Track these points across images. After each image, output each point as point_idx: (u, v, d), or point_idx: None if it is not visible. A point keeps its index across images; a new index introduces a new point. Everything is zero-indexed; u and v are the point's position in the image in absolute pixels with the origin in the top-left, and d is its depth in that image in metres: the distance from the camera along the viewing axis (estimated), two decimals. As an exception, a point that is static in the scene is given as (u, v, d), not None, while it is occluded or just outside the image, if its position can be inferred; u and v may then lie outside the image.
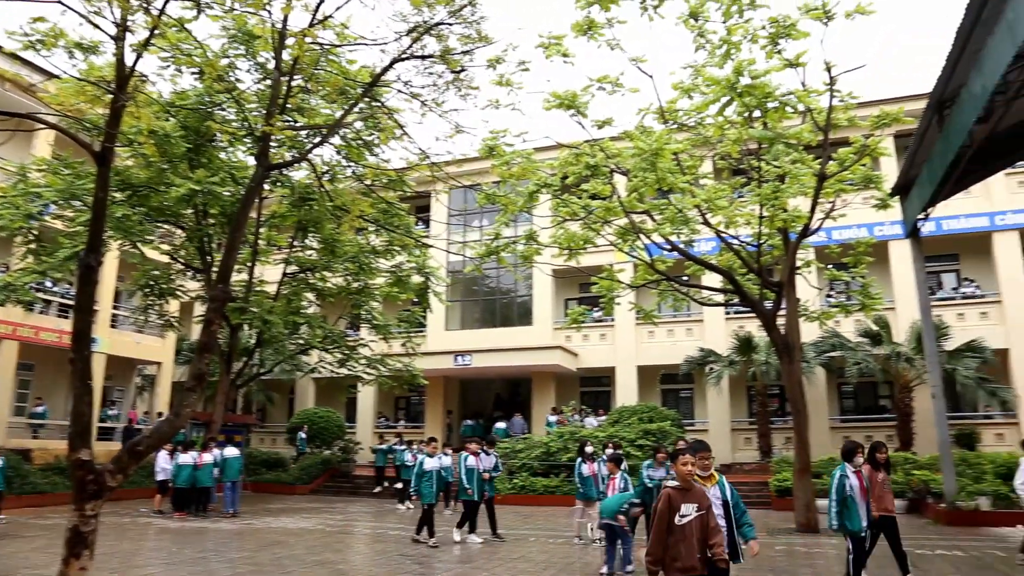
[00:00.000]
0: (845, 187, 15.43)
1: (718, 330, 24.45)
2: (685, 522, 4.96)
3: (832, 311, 18.35)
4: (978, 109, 10.56)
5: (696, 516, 5.01)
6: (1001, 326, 22.34)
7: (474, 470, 12.79)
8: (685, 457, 5.20)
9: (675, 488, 5.08)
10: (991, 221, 22.94)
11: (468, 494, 12.70)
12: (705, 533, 5.03)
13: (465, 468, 12.72)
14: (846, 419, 23.95)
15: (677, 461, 5.21)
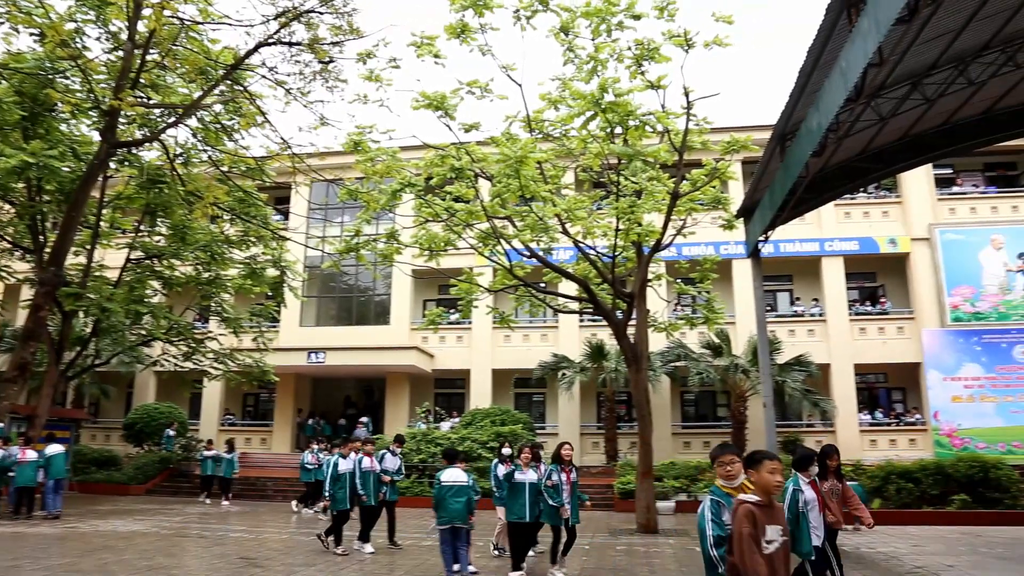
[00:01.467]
0: (696, 206, 16.34)
1: (572, 337, 25.15)
2: (772, 550, 3.96)
3: (679, 323, 19.33)
4: (814, 144, 11.46)
5: (782, 543, 4.04)
6: (825, 343, 24.35)
7: (369, 473, 12.08)
8: (773, 463, 4.12)
9: (756, 505, 3.99)
10: (821, 247, 25.01)
11: (362, 500, 11.83)
12: (788, 565, 4.11)
13: (360, 471, 11.87)
14: (687, 426, 25.28)
15: (761, 468, 4.11)
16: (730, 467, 4.39)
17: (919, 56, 12.68)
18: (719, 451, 4.54)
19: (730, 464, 4.40)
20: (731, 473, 4.38)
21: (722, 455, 4.47)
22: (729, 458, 4.44)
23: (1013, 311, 24.02)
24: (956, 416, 22.76)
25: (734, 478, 4.38)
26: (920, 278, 24.64)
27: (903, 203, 25.34)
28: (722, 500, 4.24)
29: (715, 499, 4.27)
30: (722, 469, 4.41)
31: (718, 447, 4.62)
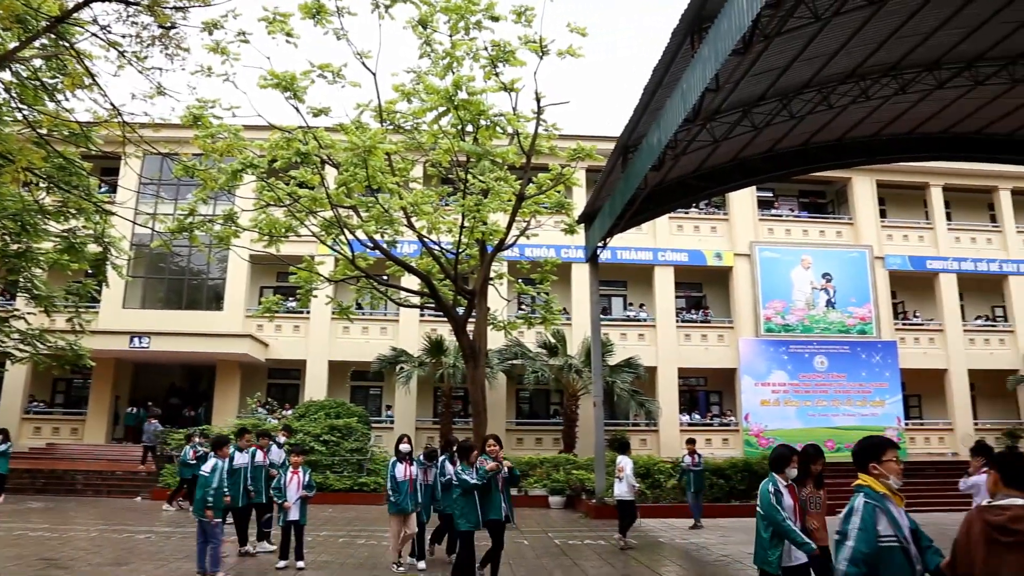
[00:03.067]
0: (540, 209, 16.80)
1: (412, 331, 25.08)
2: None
3: (517, 322, 19.78)
4: (654, 158, 12.12)
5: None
6: (653, 347, 25.75)
7: (261, 468, 11.41)
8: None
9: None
10: (654, 256, 26.42)
11: (251, 497, 11.04)
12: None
13: (252, 466, 11.19)
14: (521, 422, 25.90)
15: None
16: (896, 463, 3.91)
17: (750, 87, 13.70)
18: (883, 445, 3.98)
19: (896, 460, 3.92)
20: (896, 470, 3.91)
21: (887, 449, 3.95)
22: (894, 453, 3.93)
23: (815, 324, 26.47)
24: (764, 418, 24.77)
25: (900, 476, 3.92)
26: (740, 290, 26.61)
27: (729, 220, 27.25)
28: (879, 505, 3.77)
29: (871, 503, 3.78)
30: (886, 467, 3.90)
31: (873, 441, 4.04)
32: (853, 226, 27.99)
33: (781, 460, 6.13)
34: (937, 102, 15.78)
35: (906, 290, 28.93)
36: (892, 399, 25.63)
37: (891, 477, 3.89)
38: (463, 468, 8.30)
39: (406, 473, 9.80)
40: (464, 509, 8.06)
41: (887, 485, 3.86)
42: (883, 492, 3.82)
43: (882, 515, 3.72)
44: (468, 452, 8.50)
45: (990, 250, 28.71)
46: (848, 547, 3.67)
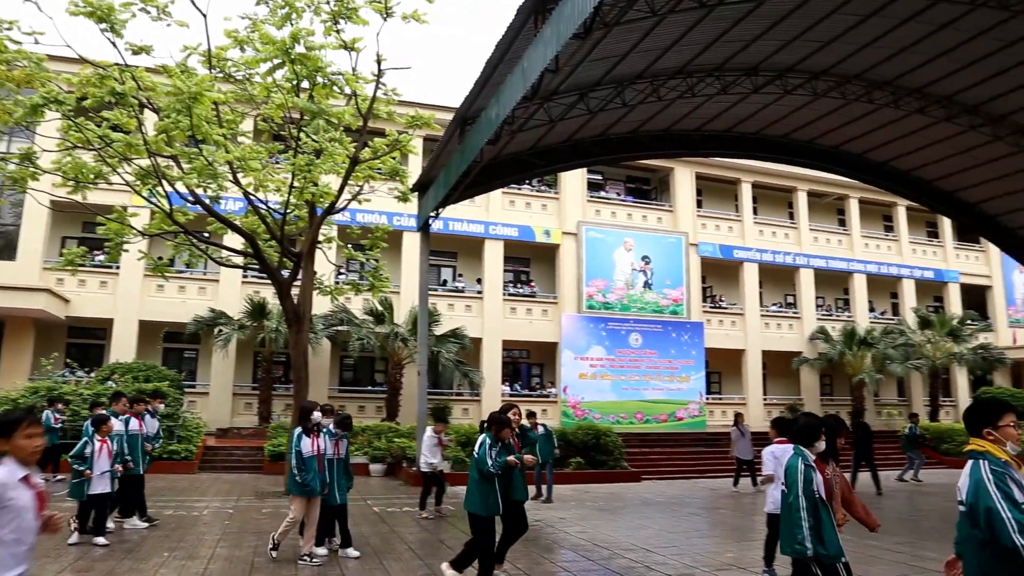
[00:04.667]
0: (374, 175, 16.47)
1: (233, 292, 23.93)
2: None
3: (345, 288, 19.39)
4: (491, 132, 12.24)
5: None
6: (480, 319, 26.18)
7: (138, 436, 10.37)
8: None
9: None
10: (486, 229, 26.77)
11: (130, 467, 10.06)
12: None
13: (127, 433, 10.13)
14: (344, 390, 25.51)
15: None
16: (1014, 427, 3.67)
17: (588, 72, 14.13)
18: (998, 408, 3.74)
19: (1013, 423, 3.68)
20: (1015, 436, 3.66)
21: (1004, 413, 3.71)
22: (1011, 417, 3.71)
23: (633, 303, 28.01)
24: (581, 390, 25.97)
25: (1018, 442, 3.66)
26: (565, 268, 27.59)
27: (560, 200, 28.10)
28: (1006, 471, 3.50)
29: (998, 470, 3.49)
30: (1004, 432, 3.65)
31: (989, 404, 3.79)
32: (672, 213, 29.77)
33: (809, 431, 5.17)
34: (753, 105, 17.06)
35: (715, 276, 31.28)
36: (697, 375, 27.71)
37: (1008, 443, 3.60)
38: (490, 442, 7.26)
39: (314, 447, 8.61)
40: (481, 493, 7.17)
41: (1006, 452, 3.56)
42: (1005, 459, 3.53)
43: (1012, 483, 3.43)
44: (501, 426, 7.39)
45: (787, 244, 31.62)
46: (1008, 519, 3.31)
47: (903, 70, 15.47)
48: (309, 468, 8.45)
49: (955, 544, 3.72)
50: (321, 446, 8.69)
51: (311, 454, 8.52)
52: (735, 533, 11.55)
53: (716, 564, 8.92)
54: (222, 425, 22.58)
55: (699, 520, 13.14)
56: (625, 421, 25.84)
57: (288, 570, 8.19)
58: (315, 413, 8.86)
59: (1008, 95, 15.98)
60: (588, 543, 10.25)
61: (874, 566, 8.85)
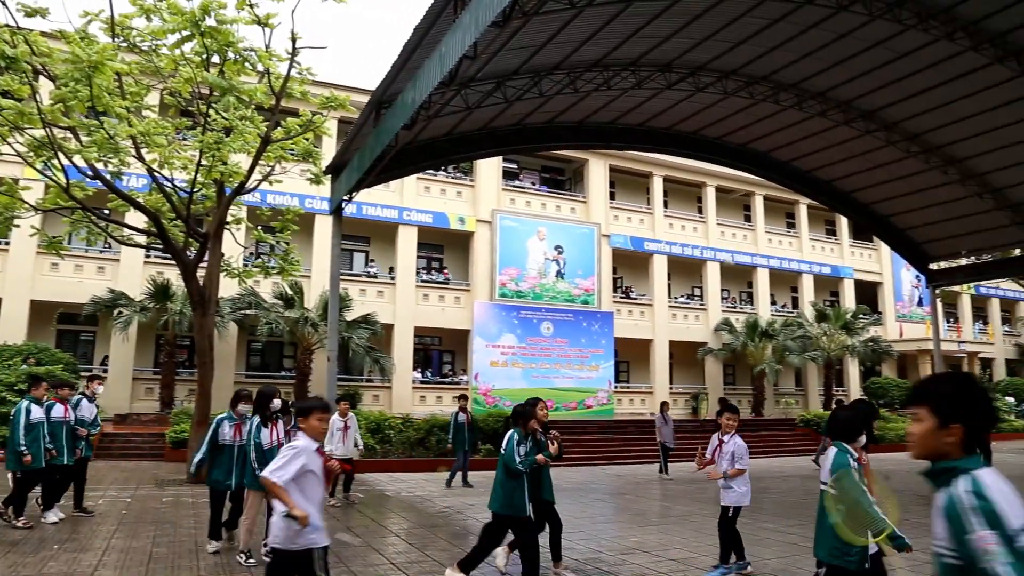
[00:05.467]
0: (286, 155, 16.08)
1: (134, 273, 22.95)
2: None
3: (253, 271, 18.88)
4: (407, 117, 12.12)
5: None
6: (392, 305, 25.97)
7: (61, 423, 9.75)
8: None
9: None
10: (400, 215, 26.53)
11: (53, 455, 9.52)
12: None
13: (49, 420, 9.59)
14: (251, 375, 24.86)
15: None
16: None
17: (506, 60, 14.17)
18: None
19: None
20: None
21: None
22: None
23: (545, 292, 28.34)
24: (492, 378, 26.12)
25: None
26: (479, 255, 27.64)
27: (475, 187, 28.09)
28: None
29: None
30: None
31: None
32: (586, 204, 30.21)
33: (851, 426, 4.73)
34: (666, 101, 17.46)
35: (625, 267, 31.95)
36: (606, 364, 28.27)
37: None
38: (518, 438, 6.81)
39: (273, 437, 7.89)
40: (506, 492, 6.71)
41: None
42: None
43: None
44: (526, 418, 6.98)
45: (695, 237, 32.58)
46: None
47: (807, 74, 16.14)
48: (269, 461, 7.83)
49: None
50: (280, 437, 7.94)
51: (270, 445, 7.79)
52: (639, 518, 11.88)
53: (621, 548, 9.17)
54: (121, 411, 21.66)
55: (604, 506, 13.46)
56: (535, 408, 26.15)
57: (188, 560, 7.98)
58: (275, 400, 8.05)
59: (900, 103, 16.90)
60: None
61: (768, 547, 9.28)
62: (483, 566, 7.18)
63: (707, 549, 9.01)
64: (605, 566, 8.17)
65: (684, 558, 8.61)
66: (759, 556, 8.62)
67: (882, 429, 26.32)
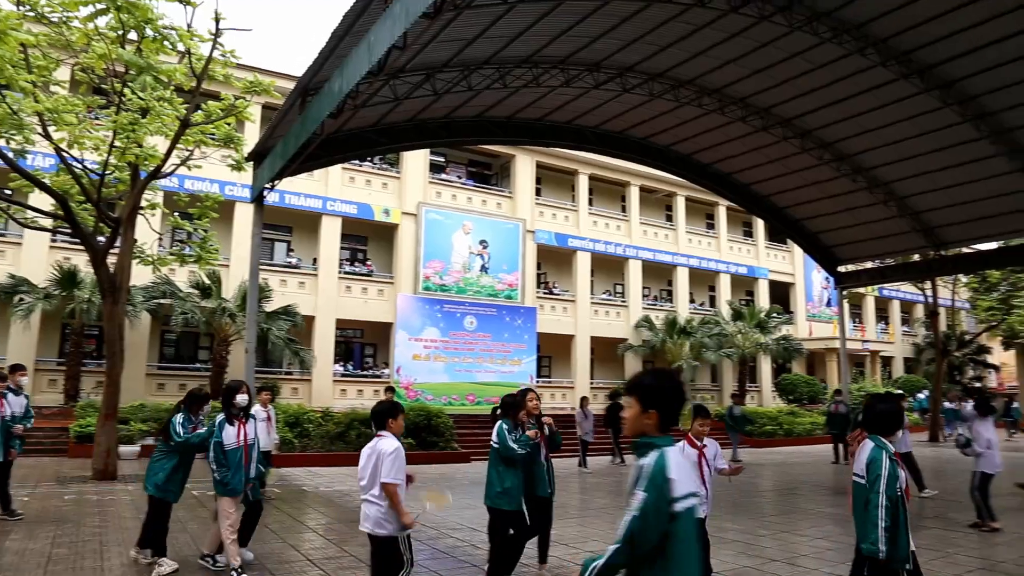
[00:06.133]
0: (207, 140, 15.56)
1: (38, 258, 21.80)
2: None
3: (169, 258, 18.22)
4: (333, 105, 11.88)
5: None
6: (313, 296, 25.49)
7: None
8: None
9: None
10: (324, 205, 26.03)
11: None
12: None
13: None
14: (165, 367, 24.03)
15: None
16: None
17: (436, 52, 14.07)
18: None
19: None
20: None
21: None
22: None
23: (469, 287, 28.32)
24: (414, 372, 25.96)
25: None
26: (403, 248, 27.39)
27: (401, 179, 27.81)
28: None
29: None
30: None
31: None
32: (512, 199, 30.30)
33: (891, 418, 4.69)
34: (594, 100, 17.66)
35: (549, 263, 32.21)
36: (528, 359, 28.47)
37: None
38: (507, 427, 6.61)
39: (240, 437, 7.14)
40: (506, 483, 6.57)
41: None
42: None
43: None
44: (516, 409, 6.78)
45: (618, 235, 33.11)
46: None
47: (729, 80, 16.59)
48: (231, 463, 7.02)
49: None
50: (250, 435, 7.25)
51: (235, 446, 7.07)
52: (558, 511, 11.91)
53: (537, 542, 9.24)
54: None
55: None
56: (457, 403, 26.12)
57: (92, 561, 7.65)
58: (240, 395, 7.22)
59: (815, 112, 17.56)
60: (416, 524, 10.30)
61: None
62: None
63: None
64: (524, 559, 8.21)
65: (602, 551, 8.74)
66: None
67: (790, 423, 27.36)
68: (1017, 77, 14.85)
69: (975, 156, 17.77)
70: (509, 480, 6.56)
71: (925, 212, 21.49)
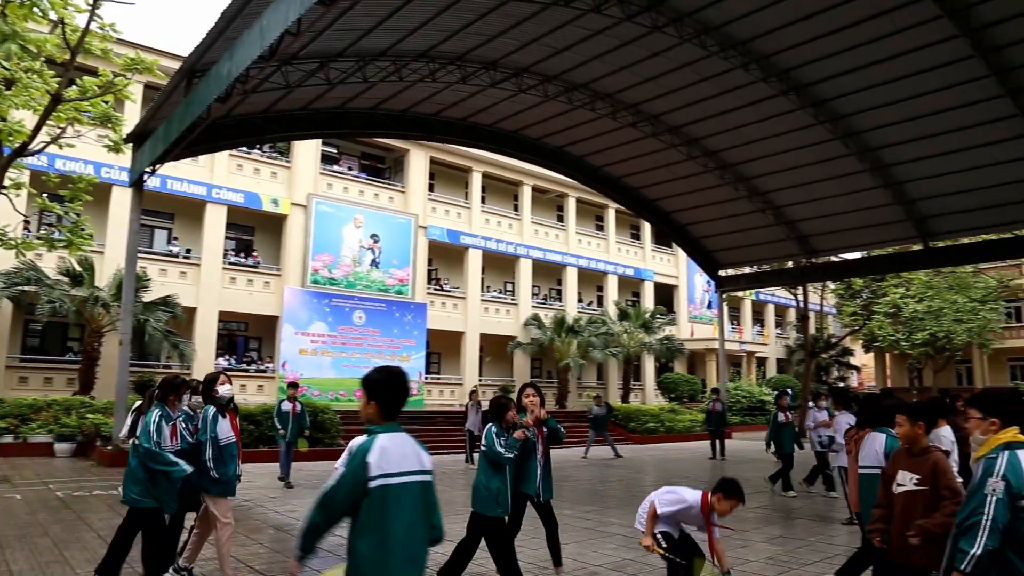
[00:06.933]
0: (81, 117, 14.68)
1: None
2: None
3: (35, 242, 17.03)
4: (221, 89, 11.47)
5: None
6: (195, 287, 24.46)
7: None
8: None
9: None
10: (209, 192, 25.00)
11: None
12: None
13: None
14: (28, 359, 22.44)
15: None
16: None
17: (332, 41, 13.82)
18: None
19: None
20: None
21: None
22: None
23: (359, 281, 27.92)
24: (300, 366, 25.36)
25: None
26: (292, 240, 26.70)
27: (291, 169, 27.08)
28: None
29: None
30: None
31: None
32: (404, 194, 30.07)
33: (893, 414, 4.86)
34: (489, 98, 17.78)
35: (441, 259, 32.16)
36: (417, 355, 28.35)
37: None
38: (496, 431, 6.29)
39: (234, 430, 6.59)
40: (494, 489, 6.20)
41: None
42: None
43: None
44: (503, 411, 6.45)
45: (510, 234, 33.45)
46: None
47: (622, 86, 17.08)
48: (228, 458, 6.43)
49: None
50: (237, 427, 6.66)
51: (231, 440, 6.50)
52: (444, 508, 12.05)
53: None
54: None
55: (412, 495, 13.50)
56: (344, 399, 25.70)
57: (-56, 561, 7.11)
58: (225, 386, 6.55)
59: (702, 122, 18.33)
60: (296, 522, 10.08)
61: (565, 532, 9.75)
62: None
63: (511, 535, 9.30)
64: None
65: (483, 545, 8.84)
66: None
67: (671, 421, 28.41)
68: (879, 101, 16.00)
69: (844, 171, 19.00)
70: (495, 483, 6.27)
71: (799, 221, 22.78)
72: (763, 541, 9.19)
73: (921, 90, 15.29)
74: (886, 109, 16.29)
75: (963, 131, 16.40)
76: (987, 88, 14.70)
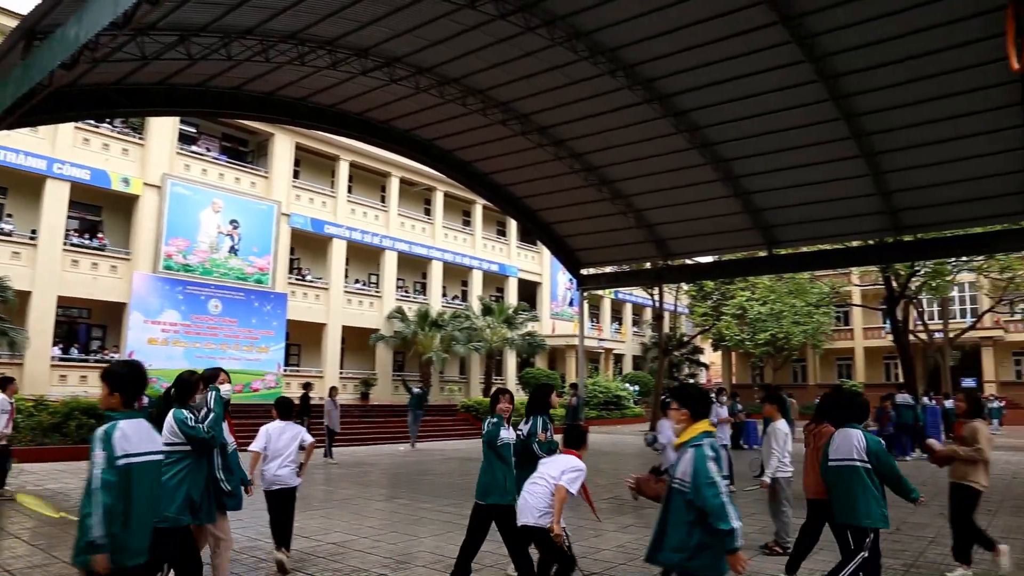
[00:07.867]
0: None
1: None
2: None
3: None
4: (67, 54, 10.61)
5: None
6: (31, 268, 22.58)
7: None
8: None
9: None
10: (49, 166, 23.10)
11: None
12: None
13: None
14: None
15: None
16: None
17: (194, 14, 13.15)
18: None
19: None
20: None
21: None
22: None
23: (216, 268, 26.72)
24: (150, 357, 23.84)
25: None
26: (143, 222, 25.17)
27: (145, 146, 25.50)
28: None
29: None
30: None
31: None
32: (268, 180, 29.05)
33: (865, 410, 5.79)
34: (359, 86, 17.45)
35: (304, 248, 31.32)
36: (276, 346, 27.50)
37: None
38: (497, 420, 6.11)
39: (232, 436, 5.97)
40: (497, 477, 6.04)
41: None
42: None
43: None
44: (492, 403, 6.34)
45: (376, 225, 33.05)
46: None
47: (494, 84, 17.22)
48: (234, 467, 5.81)
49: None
50: (233, 432, 6.05)
51: (233, 446, 5.93)
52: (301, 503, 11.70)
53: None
54: None
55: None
56: (197, 390, 24.54)
57: None
58: (225, 386, 5.78)
59: (569, 124, 18.79)
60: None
61: (423, 526, 9.79)
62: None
63: (366, 531, 9.26)
64: (262, 553, 8.03)
65: (343, 541, 8.76)
66: (415, 535, 9.08)
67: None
68: (731, 115, 17.00)
69: (700, 179, 20.01)
70: (500, 473, 6.07)
71: (658, 225, 23.79)
72: (616, 530, 9.59)
73: (768, 108, 16.36)
74: (737, 124, 17.32)
75: (803, 148, 17.67)
76: (824, 111, 15.93)
